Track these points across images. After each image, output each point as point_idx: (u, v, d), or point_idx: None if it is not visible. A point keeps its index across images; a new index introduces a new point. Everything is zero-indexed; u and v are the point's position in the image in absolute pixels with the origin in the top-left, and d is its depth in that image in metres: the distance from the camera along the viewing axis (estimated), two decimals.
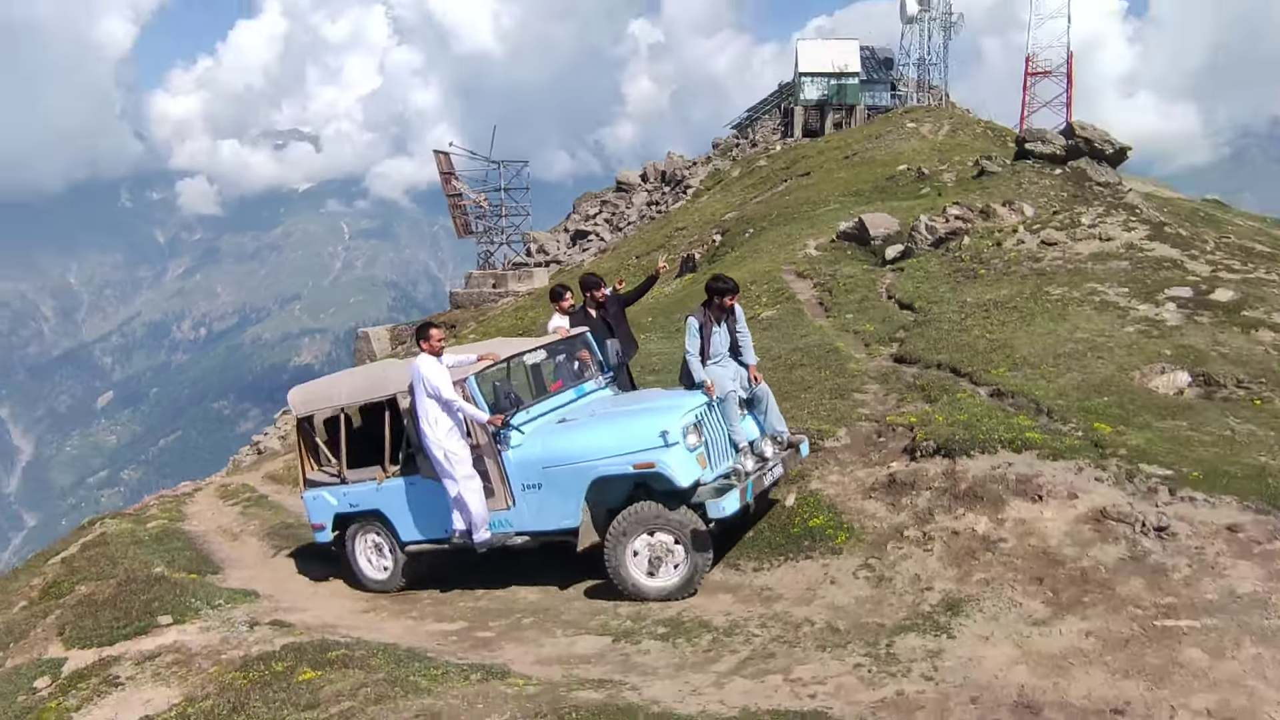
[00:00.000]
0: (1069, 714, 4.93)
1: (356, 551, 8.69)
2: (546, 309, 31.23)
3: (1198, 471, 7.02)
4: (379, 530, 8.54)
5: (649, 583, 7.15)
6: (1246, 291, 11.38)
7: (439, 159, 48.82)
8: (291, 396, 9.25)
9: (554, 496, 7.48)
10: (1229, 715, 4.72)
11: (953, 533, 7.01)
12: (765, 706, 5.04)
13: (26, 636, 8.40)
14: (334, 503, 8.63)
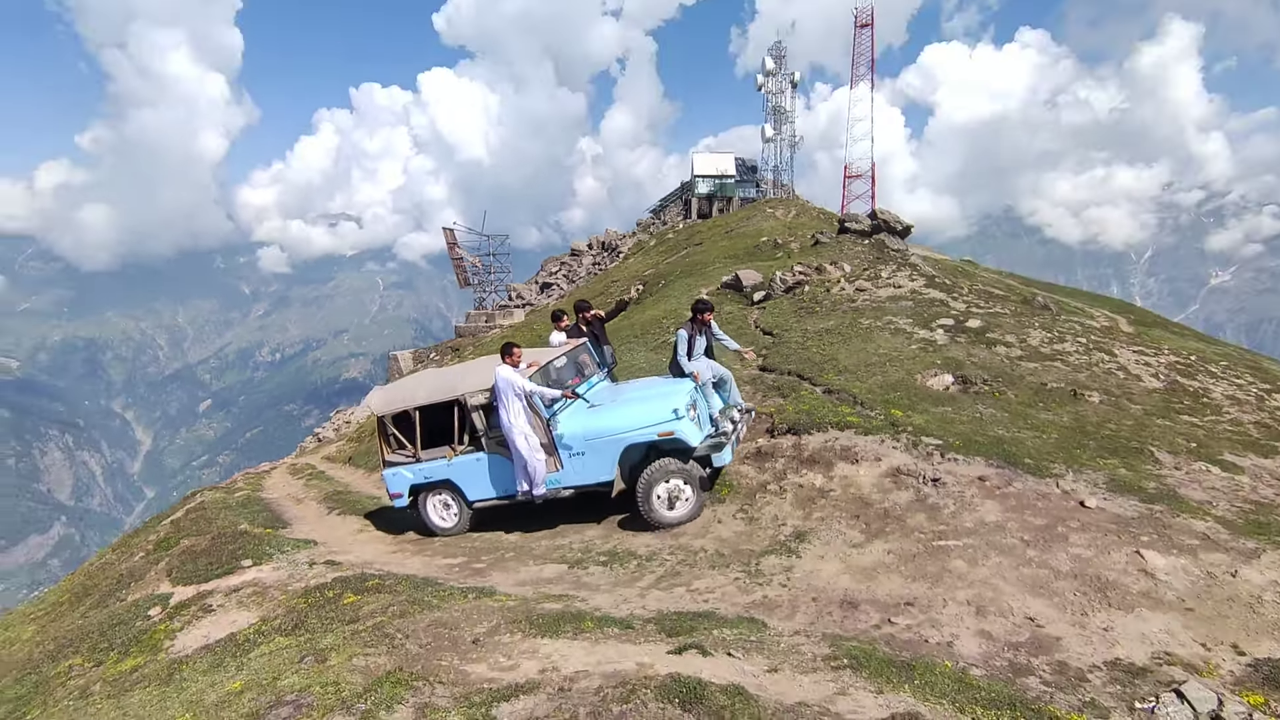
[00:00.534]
0: (877, 606, 5.01)
1: (428, 509, 8.55)
2: (525, 336, 30.45)
3: (959, 440, 7.19)
4: (448, 493, 8.44)
5: (669, 514, 7.25)
6: (988, 321, 11.70)
7: (446, 234, 48.06)
8: (372, 399, 8.89)
9: (594, 460, 7.53)
10: (981, 603, 4.84)
11: (799, 486, 7.06)
12: (673, 609, 5.00)
13: (143, 578, 7.92)
14: (410, 477, 8.45)
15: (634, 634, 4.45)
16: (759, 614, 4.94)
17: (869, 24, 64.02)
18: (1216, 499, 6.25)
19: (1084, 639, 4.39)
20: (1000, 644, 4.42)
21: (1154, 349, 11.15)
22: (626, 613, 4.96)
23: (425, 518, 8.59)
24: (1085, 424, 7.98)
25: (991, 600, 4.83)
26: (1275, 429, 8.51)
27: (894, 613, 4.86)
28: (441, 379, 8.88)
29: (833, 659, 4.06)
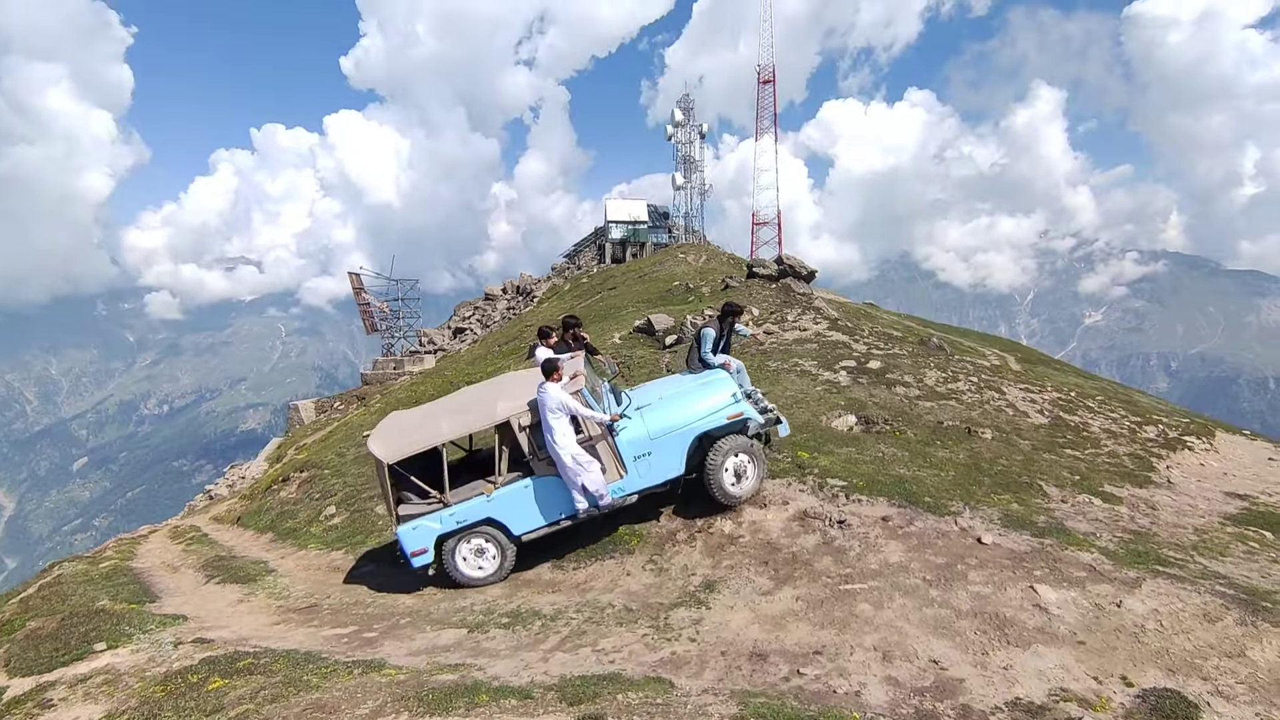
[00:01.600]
0: (786, 656, 4.90)
1: (457, 560, 7.37)
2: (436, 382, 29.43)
3: (863, 481, 7.31)
4: (485, 535, 7.37)
5: (736, 490, 7.29)
6: (888, 362, 12.15)
7: (352, 278, 46.56)
8: (375, 447, 7.40)
9: (662, 457, 7.31)
10: (887, 648, 4.82)
11: (709, 533, 6.97)
12: (577, 673, 4.73)
13: None
14: (437, 526, 7.28)
15: (533, 705, 4.16)
16: (667, 673, 4.74)
17: (771, 80, 67.59)
18: (1099, 530, 6.56)
19: (985, 680, 4.42)
20: (906, 690, 4.38)
21: (1039, 386, 11.84)
22: (527, 680, 4.66)
23: (454, 571, 7.40)
24: (980, 460, 8.30)
25: (897, 644, 4.82)
26: (1146, 459, 9.12)
27: (803, 663, 4.76)
28: (465, 405, 7.86)
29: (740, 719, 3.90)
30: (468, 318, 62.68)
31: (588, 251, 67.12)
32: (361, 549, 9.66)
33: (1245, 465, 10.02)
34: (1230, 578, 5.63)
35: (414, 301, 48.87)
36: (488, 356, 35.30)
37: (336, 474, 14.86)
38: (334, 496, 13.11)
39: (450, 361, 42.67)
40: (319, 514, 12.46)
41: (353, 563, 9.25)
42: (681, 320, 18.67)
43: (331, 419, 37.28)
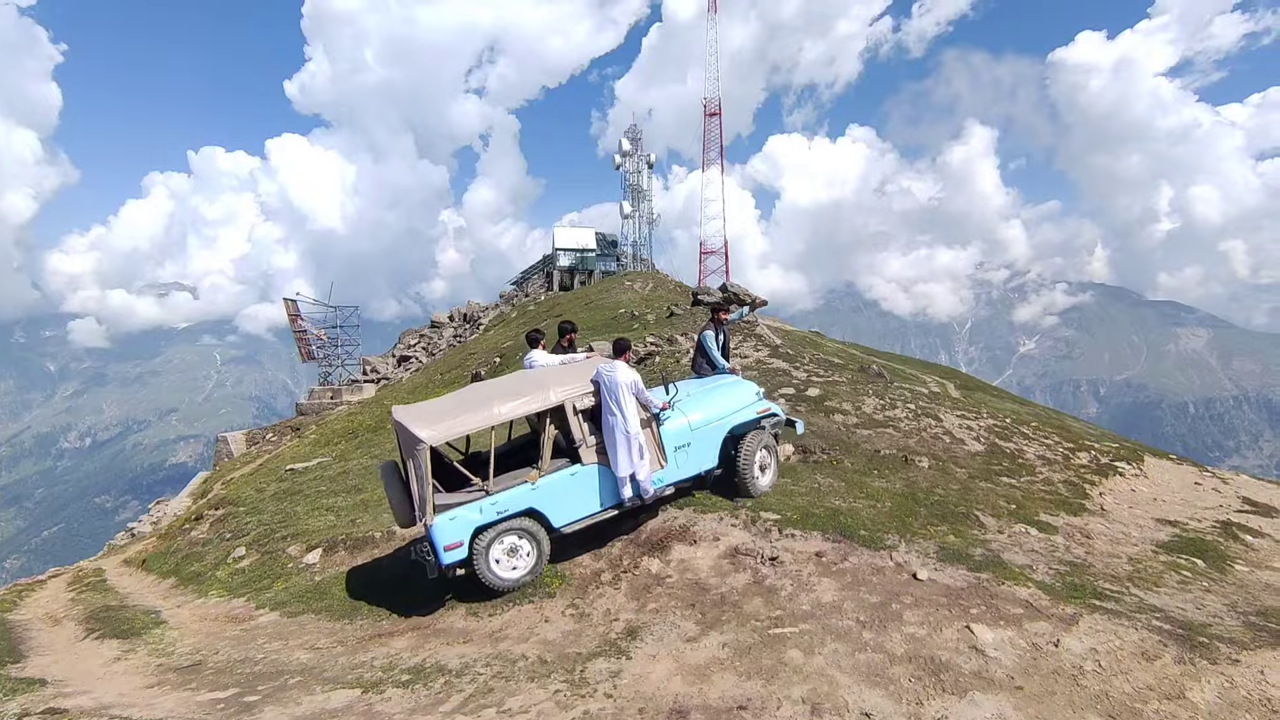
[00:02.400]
0: (708, 712, 4.48)
1: (490, 559, 6.71)
2: (374, 412, 28.38)
3: (797, 514, 7.00)
4: (520, 530, 6.81)
5: (763, 482, 7.82)
6: (827, 389, 12.02)
7: (287, 305, 45.02)
8: (420, 430, 6.51)
9: (701, 449, 7.53)
10: (817, 700, 4.44)
11: (635, 573, 6.53)
12: None
13: None
14: (477, 517, 6.64)
15: None
16: None
17: (717, 113, 68.90)
18: (1036, 562, 6.36)
19: None
20: None
21: (974, 413, 11.83)
22: None
23: (485, 571, 6.71)
24: (916, 490, 8.09)
25: (827, 695, 4.45)
26: (1080, 486, 9.08)
27: (726, 719, 4.35)
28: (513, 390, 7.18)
29: None
30: (413, 345, 61.25)
31: (536, 279, 66.68)
32: (265, 594, 8.88)
33: (1174, 490, 10.11)
34: (1166, 611, 5.46)
35: (353, 329, 47.42)
36: (429, 385, 34.47)
37: (253, 511, 13.91)
38: (246, 536, 12.20)
39: (391, 391, 41.41)
40: (227, 556, 11.53)
41: (254, 610, 8.48)
42: None
43: (263, 451, 35.57)
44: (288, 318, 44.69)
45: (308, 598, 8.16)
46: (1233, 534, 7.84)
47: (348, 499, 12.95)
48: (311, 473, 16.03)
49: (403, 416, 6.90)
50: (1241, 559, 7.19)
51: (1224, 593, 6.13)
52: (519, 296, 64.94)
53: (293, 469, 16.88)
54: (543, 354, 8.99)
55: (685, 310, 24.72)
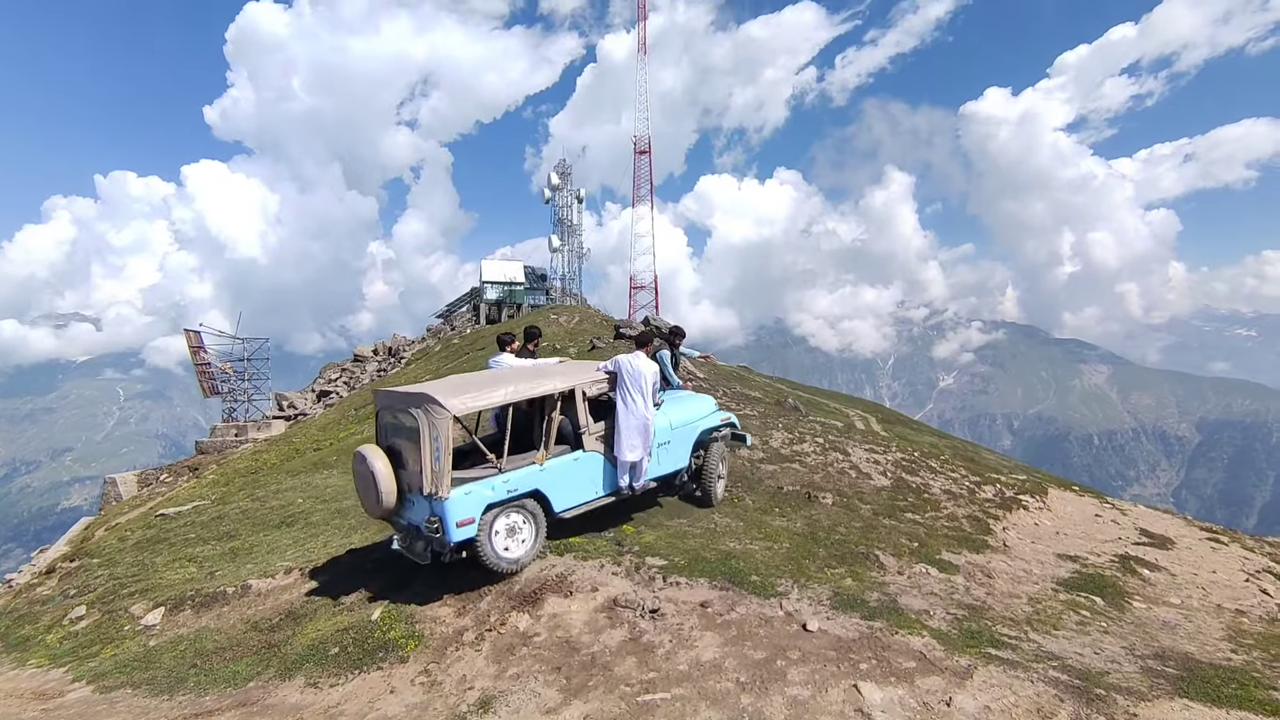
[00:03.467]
0: None
1: (493, 538, 6.52)
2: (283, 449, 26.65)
3: (685, 559, 6.44)
4: (523, 510, 6.73)
5: (719, 487, 8.54)
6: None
7: (189, 336, 42.23)
8: (448, 400, 6.31)
9: (677, 448, 7.99)
10: None
11: (501, 631, 5.79)
12: None
13: None
14: (489, 494, 6.48)
15: None
16: None
17: (647, 151, 69.80)
18: (934, 606, 5.96)
19: None
20: None
21: (883, 447, 11.63)
22: None
23: (488, 549, 6.47)
24: (817, 529, 7.67)
25: None
26: (984, 521, 8.86)
27: None
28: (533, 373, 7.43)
29: None
30: (334, 380, 58.53)
31: (463, 312, 65.27)
32: (88, 664, 7.66)
33: (1075, 522, 10.05)
34: (1064, 658, 5.10)
35: (262, 362, 44.87)
36: (341, 421, 32.81)
37: (107, 564, 12.43)
38: (91, 593, 10.79)
39: (301, 428, 39.22)
40: (65, 616, 10.12)
41: (69, 683, 7.27)
42: None
43: (155, 494, 32.87)
44: (189, 349, 41.94)
45: (131, 668, 7.03)
46: (1131, 568, 7.70)
47: (216, 547, 11.69)
48: (184, 518, 14.57)
49: (421, 388, 6.78)
50: (1139, 595, 7.01)
51: (1122, 633, 5.86)
52: (445, 330, 63.38)
53: (164, 514, 15.34)
54: (511, 357, 9.11)
55: (608, 343, 24.24)
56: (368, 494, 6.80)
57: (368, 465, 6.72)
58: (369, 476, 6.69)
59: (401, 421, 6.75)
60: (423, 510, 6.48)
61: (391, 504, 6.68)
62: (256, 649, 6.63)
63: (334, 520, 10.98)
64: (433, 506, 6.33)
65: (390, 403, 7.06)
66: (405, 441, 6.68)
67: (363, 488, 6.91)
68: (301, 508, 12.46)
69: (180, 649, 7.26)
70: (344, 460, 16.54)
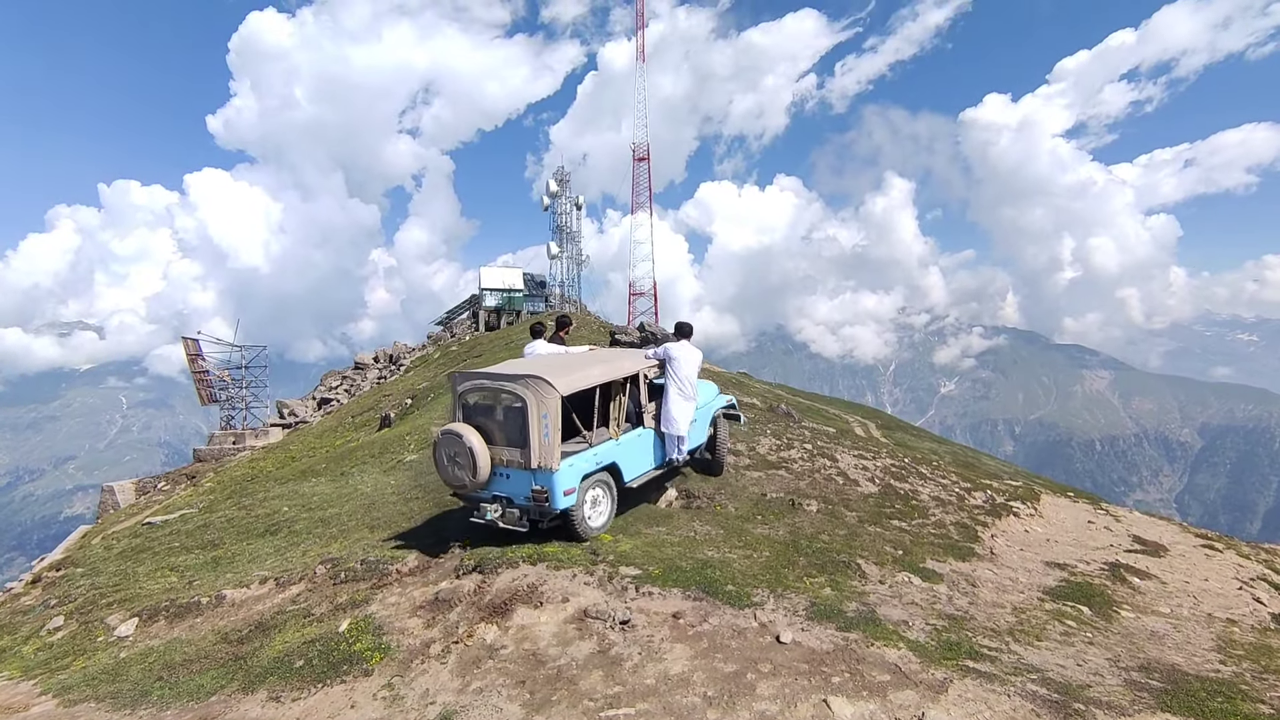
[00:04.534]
0: None
1: (585, 505, 7.35)
2: (279, 457, 26.58)
3: (660, 569, 6.27)
4: (604, 481, 7.59)
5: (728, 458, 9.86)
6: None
7: (187, 344, 42.15)
8: (557, 381, 7.04)
9: (701, 425, 9.02)
10: None
11: (468, 644, 5.62)
12: None
13: None
14: (585, 466, 7.30)
15: None
16: None
17: (646, 158, 69.83)
18: (913, 617, 5.79)
19: None
20: None
21: (872, 453, 11.46)
22: None
23: (583, 520, 7.29)
24: (800, 537, 7.50)
25: None
26: (971, 529, 8.69)
27: None
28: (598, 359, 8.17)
29: None
30: (335, 388, 58.44)
31: (463, 319, 65.22)
32: (58, 676, 7.50)
33: (1067, 529, 9.87)
34: (1044, 671, 4.93)
35: (260, 370, 44.75)
36: (338, 429, 32.73)
37: (91, 573, 12.27)
38: (71, 602, 10.63)
39: (298, 435, 39.10)
40: (43, 625, 9.97)
41: (36, 696, 7.11)
42: None
43: (152, 502, 32.76)
44: (187, 358, 41.86)
45: (99, 680, 6.88)
46: (1120, 576, 7.53)
47: (199, 556, 11.53)
48: (170, 526, 14.41)
49: (526, 369, 7.45)
50: (1128, 604, 6.84)
51: (1107, 644, 5.69)
52: (445, 337, 63.34)
53: (150, 523, 15.20)
54: (544, 344, 9.73)
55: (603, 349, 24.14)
56: (462, 469, 7.29)
57: (464, 442, 7.21)
58: (467, 453, 7.19)
59: (496, 401, 7.36)
60: (518, 483, 7.13)
61: (485, 478, 7.23)
62: (224, 661, 6.48)
63: (316, 529, 10.82)
64: (538, 478, 6.98)
65: (481, 384, 7.51)
66: (497, 419, 7.35)
67: (453, 464, 7.38)
68: (286, 516, 12.31)
69: (149, 661, 7.12)
70: (332, 468, 16.40)
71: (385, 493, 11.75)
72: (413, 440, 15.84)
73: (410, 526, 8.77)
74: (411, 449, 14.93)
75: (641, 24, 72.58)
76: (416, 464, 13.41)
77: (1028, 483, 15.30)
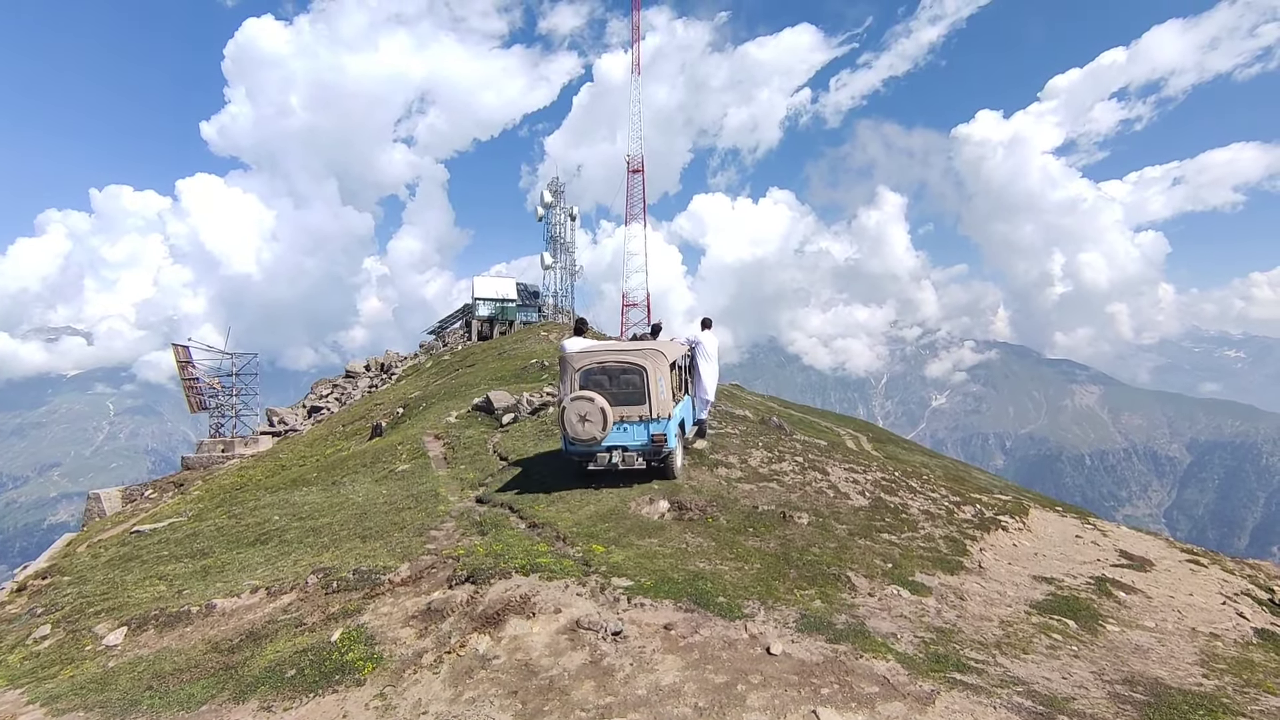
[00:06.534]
0: None
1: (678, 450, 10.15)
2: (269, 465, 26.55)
3: (652, 580, 6.32)
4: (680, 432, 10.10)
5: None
6: (715, 441, 11.55)
7: (177, 350, 42.00)
8: (667, 352, 9.89)
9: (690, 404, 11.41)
10: None
11: (460, 654, 5.65)
12: None
13: None
14: (681, 415, 10.23)
15: None
16: None
17: (640, 170, 70.19)
18: (902, 629, 5.86)
19: None
20: None
21: (863, 466, 11.56)
22: None
23: (676, 461, 9.90)
24: (790, 549, 7.57)
25: None
26: (961, 542, 8.78)
27: None
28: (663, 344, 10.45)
29: None
30: (325, 396, 58.16)
31: (456, 329, 65.15)
32: (45, 685, 7.46)
33: (1055, 544, 9.98)
34: (1030, 683, 5.01)
35: (251, 378, 44.59)
36: (329, 437, 32.60)
37: (78, 581, 12.20)
38: (58, 611, 10.56)
39: (288, 444, 38.90)
40: (29, 635, 9.90)
41: (24, 705, 7.06)
42: (519, 398, 17.53)
43: (139, 510, 32.48)
44: (177, 364, 41.66)
45: (87, 690, 6.85)
46: (1106, 590, 7.62)
47: (188, 565, 11.48)
48: (159, 535, 14.34)
49: (640, 346, 9.93)
50: (1113, 618, 6.93)
51: (1093, 657, 5.77)
52: (438, 346, 63.21)
53: (139, 531, 15.11)
54: (580, 339, 11.22)
55: None
56: (592, 424, 9.25)
57: (596, 404, 9.24)
58: (598, 411, 9.20)
59: (614, 371, 9.51)
60: (634, 433, 9.37)
61: (609, 431, 9.27)
62: (214, 670, 6.48)
63: (307, 538, 10.81)
64: (653, 427, 9.32)
65: (601, 359, 9.68)
66: (614, 385, 9.48)
67: (584, 421, 9.28)
68: (277, 525, 12.28)
69: (139, 670, 7.10)
70: (323, 477, 16.35)
71: (377, 502, 11.74)
72: (405, 449, 15.82)
73: (402, 536, 8.77)
74: (404, 458, 14.92)
75: (637, 37, 73.23)
76: (409, 474, 13.40)
77: (1017, 497, 15.42)
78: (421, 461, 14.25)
